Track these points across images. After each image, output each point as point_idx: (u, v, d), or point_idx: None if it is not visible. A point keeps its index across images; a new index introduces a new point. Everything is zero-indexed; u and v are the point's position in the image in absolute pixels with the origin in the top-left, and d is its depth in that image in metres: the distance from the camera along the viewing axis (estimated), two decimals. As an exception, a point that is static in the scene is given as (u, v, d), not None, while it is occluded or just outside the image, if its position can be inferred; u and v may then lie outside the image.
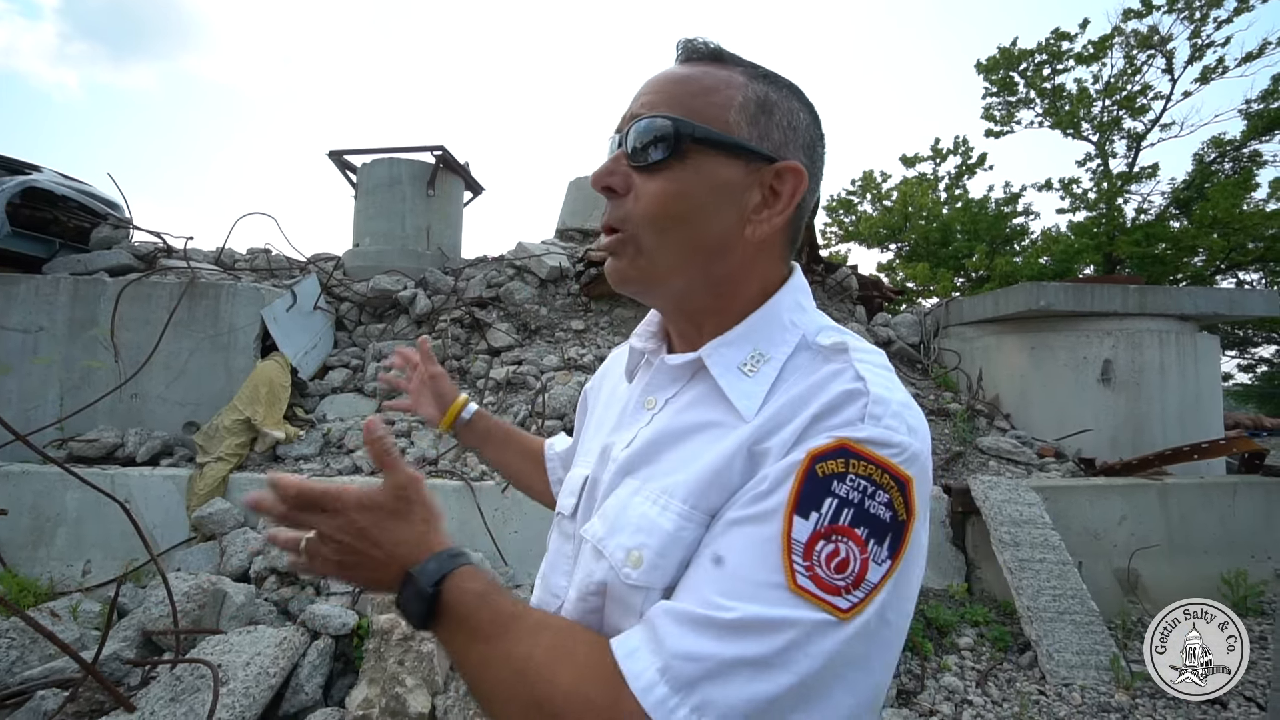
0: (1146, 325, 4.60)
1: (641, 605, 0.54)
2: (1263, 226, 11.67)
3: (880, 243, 17.09)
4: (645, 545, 0.54)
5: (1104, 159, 14.46)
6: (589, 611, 0.59)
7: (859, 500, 0.47)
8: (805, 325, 0.61)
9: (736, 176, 0.58)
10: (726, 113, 0.58)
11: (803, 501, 0.47)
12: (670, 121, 0.57)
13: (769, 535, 0.47)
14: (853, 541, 0.46)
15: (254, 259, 5.48)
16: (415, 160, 5.70)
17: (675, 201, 0.58)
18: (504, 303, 4.90)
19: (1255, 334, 17.14)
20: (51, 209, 4.60)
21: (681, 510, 0.54)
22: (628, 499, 0.59)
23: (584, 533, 0.62)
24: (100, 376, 3.77)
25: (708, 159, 0.57)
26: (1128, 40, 13.39)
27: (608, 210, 0.62)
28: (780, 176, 0.59)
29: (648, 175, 0.58)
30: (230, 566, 2.83)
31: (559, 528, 0.74)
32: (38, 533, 3.21)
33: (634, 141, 0.59)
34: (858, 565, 0.46)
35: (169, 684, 2.01)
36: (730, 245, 0.60)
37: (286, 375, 3.89)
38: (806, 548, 0.46)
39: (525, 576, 3.06)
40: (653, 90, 0.60)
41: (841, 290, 5.90)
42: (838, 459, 0.48)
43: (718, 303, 0.62)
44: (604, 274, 0.65)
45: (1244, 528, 3.68)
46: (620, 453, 0.64)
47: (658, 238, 0.59)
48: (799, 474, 0.48)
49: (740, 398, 0.57)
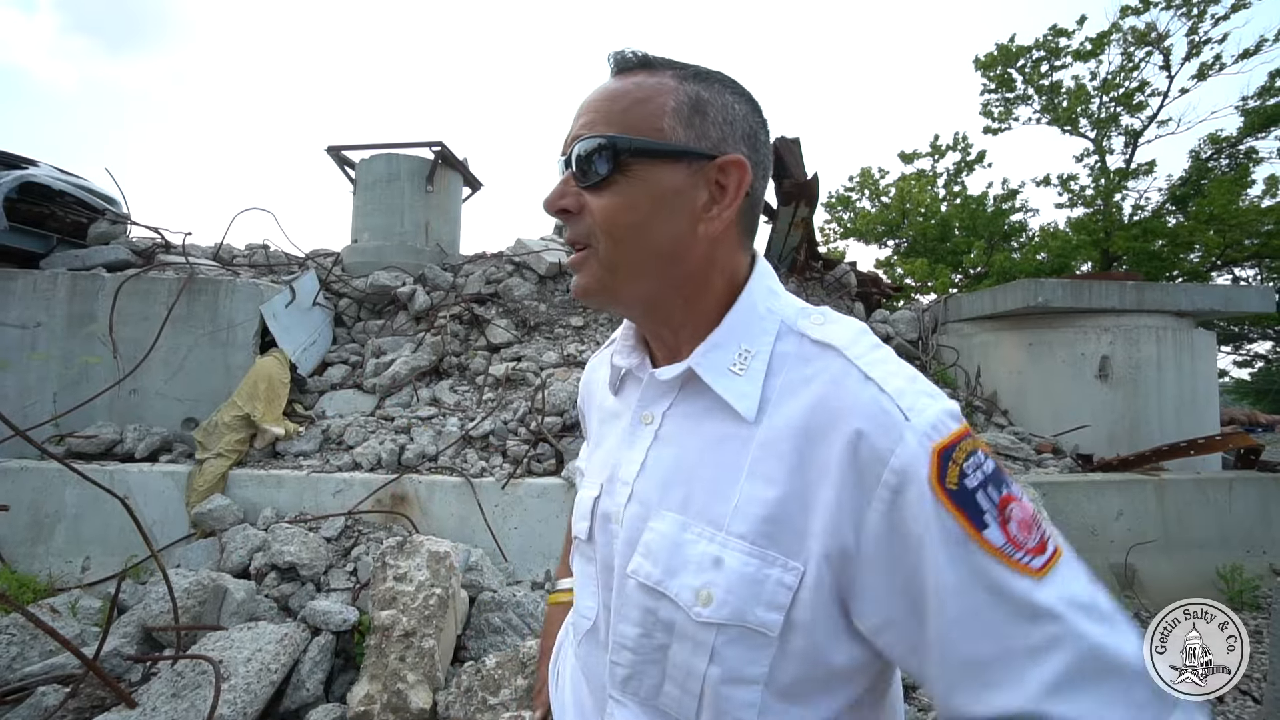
0: (1144, 322, 4.62)
1: (714, 641, 0.55)
2: (1258, 223, 11.71)
3: (878, 239, 17.10)
4: (713, 584, 0.55)
5: (1101, 155, 14.48)
6: (655, 648, 0.59)
7: (979, 475, 0.51)
8: (781, 310, 0.63)
9: (680, 179, 0.59)
10: (660, 120, 0.59)
11: (971, 516, 0.49)
12: (605, 139, 0.58)
13: (993, 583, 0.48)
14: (1010, 502, 0.51)
15: (252, 255, 5.46)
16: (414, 156, 5.68)
17: (624, 213, 0.59)
18: (503, 299, 4.90)
19: (1251, 330, 17.23)
20: (48, 204, 4.58)
21: (744, 548, 0.55)
22: (677, 536, 0.59)
23: (632, 572, 0.62)
24: (98, 372, 3.76)
25: (648, 168, 0.59)
26: (1125, 37, 13.40)
27: (568, 230, 0.64)
28: (724, 171, 0.60)
29: (595, 193, 0.60)
30: (230, 563, 2.83)
31: (579, 551, 0.74)
32: (37, 529, 3.21)
33: (577, 163, 0.60)
34: (1027, 513, 0.51)
35: (170, 680, 2.01)
36: (686, 246, 0.61)
37: (286, 371, 3.88)
38: (1010, 542, 0.49)
39: (525, 573, 3.07)
40: (588, 110, 0.61)
41: (840, 286, 5.91)
42: (943, 463, 0.50)
43: (686, 303, 0.63)
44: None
45: (1240, 523, 3.70)
46: (632, 476, 0.65)
47: (615, 249, 0.60)
48: (946, 503, 0.49)
49: (737, 399, 0.59)
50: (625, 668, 0.62)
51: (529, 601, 2.69)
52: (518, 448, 3.49)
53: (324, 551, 2.88)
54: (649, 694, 0.61)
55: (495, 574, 2.89)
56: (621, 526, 0.64)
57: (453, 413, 3.92)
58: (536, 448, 3.52)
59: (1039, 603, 0.48)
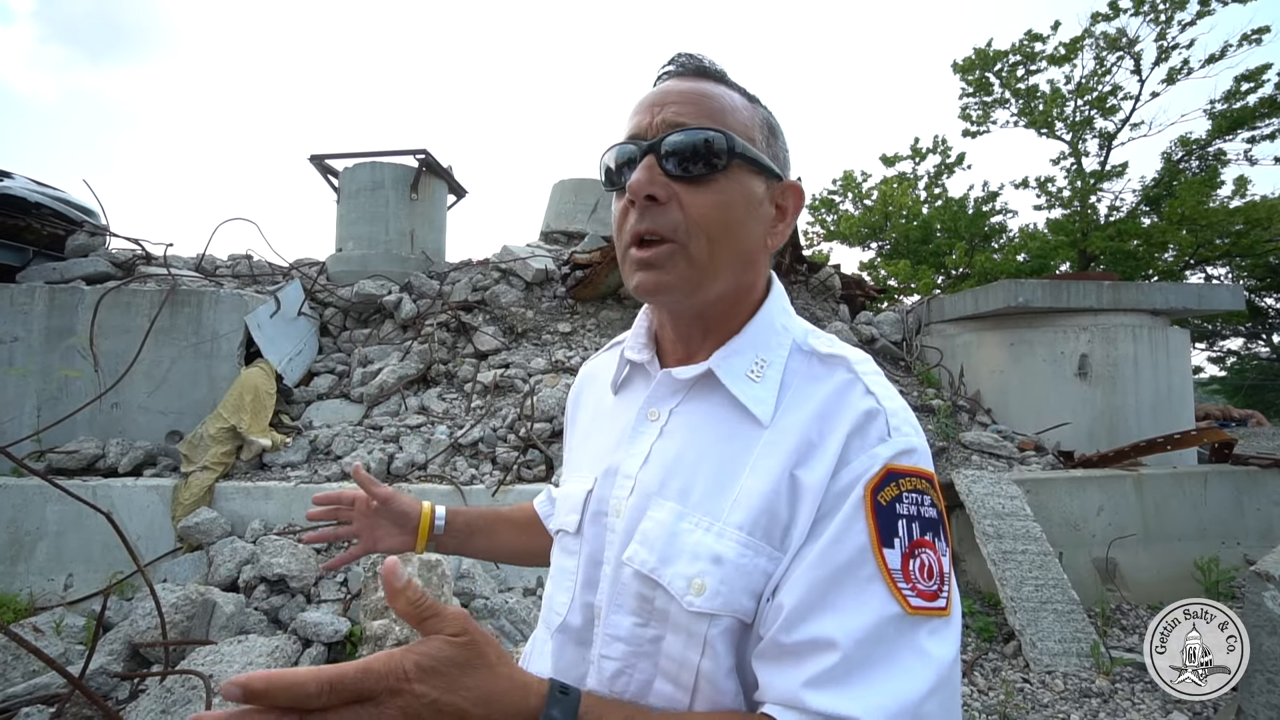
0: (1121, 320, 4.73)
1: (707, 632, 0.55)
2: (1228, 223, 12.02)
3: (862, 241, 17.28)
4: (707, 573, 0.56)
5: (1077, 158, 14.78)
6: (650, 640, 0.59)
7: (917, 512, 0.54)
8: (793, 329, 0.66)
9: (761, 192, 0.62)
10: (753, 131, 0.62)
11: (883, 534, 0.52)
12: (723, 135, 0.59)
13: (870, 575, 0.51)
14: (928, 548, 0.53)
15: (236, 265, 5.41)
16: (398, 164, 5.67)
17: (724, 212, 0.60)
18: (490, 306, 4.89)
19: (1224, 327, 17.64)
20: (24, 216, 4.51)
21: (740, 538, 0.56)
22: (674, 525, 0.59)
23: (627, 559, 0.61)
24: (79, 386, 3.70)
25: (745, 174, 0.61)
26: (1097, 42, 13.70)
27: (645, 218, 0.60)
28: (785, 194, 0.64)
29: (694, 186, 0.59)
30: (218, 576, 2.80)
31: (561, 545, 0.73)
32: (17, 547, 3.15)
33: (678, 151, 0.59)
34: (937, 565, 0.53)
35: (159, 696, 1.99)
36: (757, 255, 0.64)
37: (271, 382, 3.85)
38: (903, 572, 0.52)
39: (517, 579, 3.07)
40: (682, 101, 0.61)
41: (825, 289, 5.98)
42: (889, 485, 0.54)
43: (730, 309, 0.65)
44: (589, 277, 0.66)
45: (1215, 515, 3.80)
46: (635, 469, 0.65)
47: (709, 247, 0.60)
48: (869, 511, 0.53)
49: (754, 403, 0.61)
50: (616, 661, 0.60)
51: (521, 608, 2.69)
52: (507, 454, 3.49)
53: (313, 563, 2.86)
54: (639, 692, 0.59)
55: (487, 581, 2.88)
56: (621, 518, 0.64)
57: (441, 420, 3.91)
58: (526, 454, 3.52)
59: (885, 628, 0.49)
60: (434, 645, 0.45)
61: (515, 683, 0.47)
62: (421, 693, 0.42)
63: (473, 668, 0.45)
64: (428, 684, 0.43)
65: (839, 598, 0.51)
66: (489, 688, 0.46)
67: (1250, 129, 12.44)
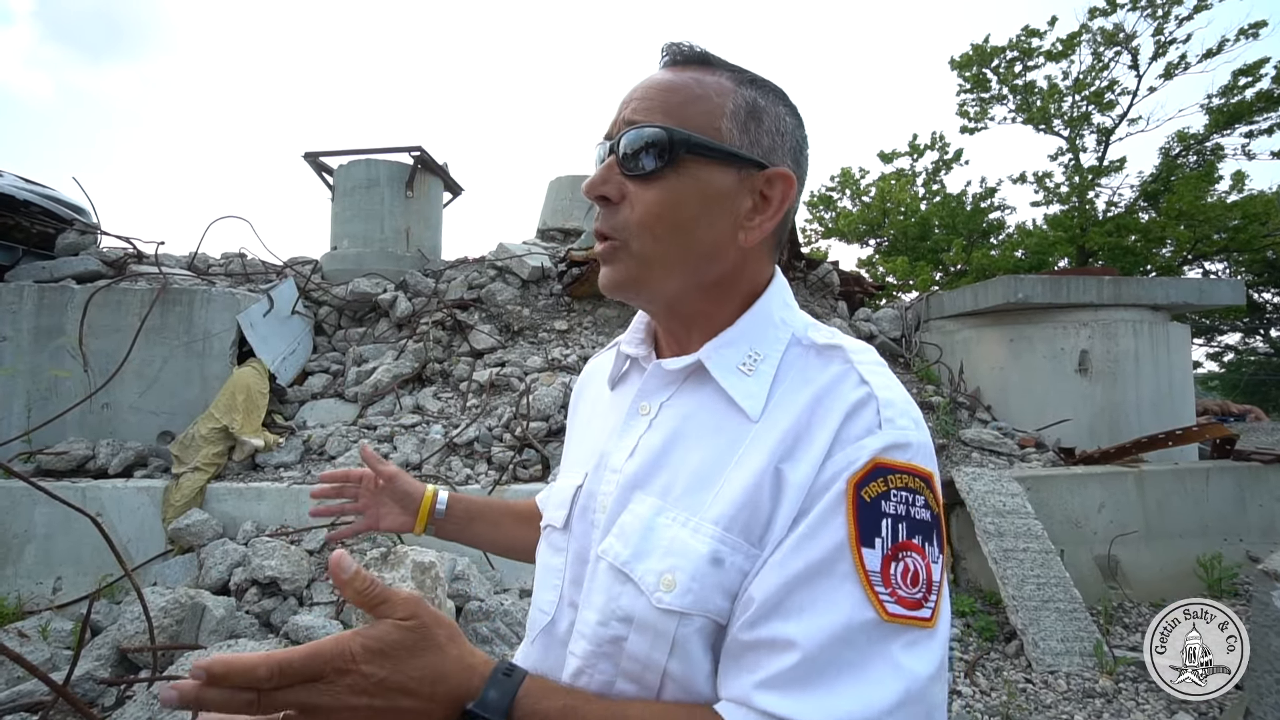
0: (1120, 315, 4.70)
1: (676, 631, 0.52)
2: (1225, 218, 12.01)
3: (860, 238, 17.25)
4: (678, 568, 0.53)
5: (1075, 153, 14.75)
6: (610, 640, 0.56)
7: (906, 512, 0.50)
8: (794, 323, 0.64)
9: (729, 184, 0.59)
10: (718, 120, 0.58)
11: (863, 532, 0.48)
12: (664, 130, 0.57)
13: (844, 573, 0.48)
14: (915, 552, 0.49)
15: (228, 264, 5.36)
16: (393, 161, 5.62)
17: (671, 210, 0.58)
18: (486, 304, 4.85)
19: (1222, 322, 17.65)
20: (13, 215, 4.45)
21: (715, 534, 0.53)
22: (651, 519, 0.57)
23: (601, 553, 0.60)
24: (68, 386, 3.65)
25: (701, 167, 0.58)
26: (1094, 37, 13.66)
27: (600, 218, 0.61)
28: (770, 183, 0.60)
29: (642, 184, 0.58)
30: (209, 579, 2.76)
31: (548, 541, 0.71)
32: (4, 550, 3.10)
33: (627, 149, 0.58)
34: (925, 572, 0.49)
35: (146, 704, 1.95)
36: (723, 250, 0.60)
37: (264, 382, 3.80)
38: (883, 575, 0.48)
39: (513, 580, 3.03)
40: (643, 96, 0.60)
41: (823, 286, 5.94)
42: (876, 480, 0.50)
43: (709, 305, 0.63)
44: (586, 275, 0.63)
45: (1217, 512, 3.77)
46: (622, 463, 0.63)
47: (653, 245, 0.59)
48: (849, 506, 0.49)
49: (744, 397, 0.58)
50: (578, 659, 0.58)
51: (517, 610, 2.66)
52: (503, 454, 3.45)
53: (306, 565, 2.82)
54: (598, 692, 0.57)
55: (482, 583, 2.85)
56: (604, 513, 0.62)
57: (436, 420, 3.87)
58: (522, 453, 3.48)
59: (855, 633, 0.46)
60: (382, 629, 0.48)
61: (462, 664, 0.49)
62: (369, 673, 0.45)
63: (420, 649, 0.48)
64: (374, 664, 0.46)
65: (807, 596, 0.48)
66: (437, 668, 0.48)
67: (1248, 123, 12.41)
